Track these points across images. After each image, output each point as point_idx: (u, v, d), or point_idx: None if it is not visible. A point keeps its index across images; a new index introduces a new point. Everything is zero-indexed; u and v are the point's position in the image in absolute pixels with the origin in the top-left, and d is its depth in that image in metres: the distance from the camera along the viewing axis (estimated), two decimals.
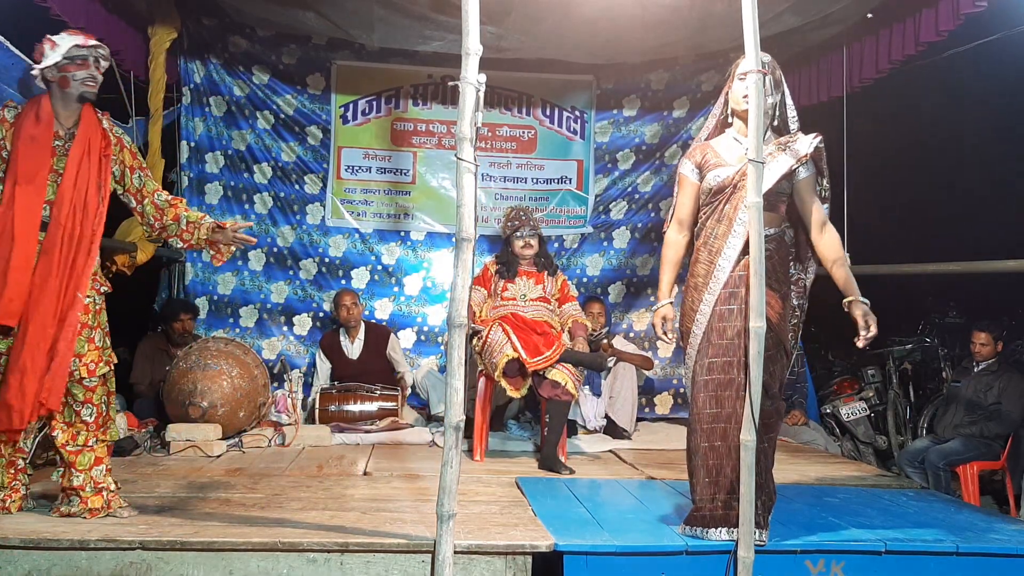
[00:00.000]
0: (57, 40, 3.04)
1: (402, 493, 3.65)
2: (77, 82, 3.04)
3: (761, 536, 2.88)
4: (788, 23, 4.82)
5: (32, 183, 2.96)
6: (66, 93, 3.05)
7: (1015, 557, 3.03)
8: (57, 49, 3.02)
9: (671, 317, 3.10)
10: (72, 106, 3.08)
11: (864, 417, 6.08)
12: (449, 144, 5.91)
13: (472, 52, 2.67)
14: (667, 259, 3.14)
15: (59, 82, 3.03)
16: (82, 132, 3.08)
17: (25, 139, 2.98)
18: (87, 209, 3.06)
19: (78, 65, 3.03)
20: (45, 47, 3.05)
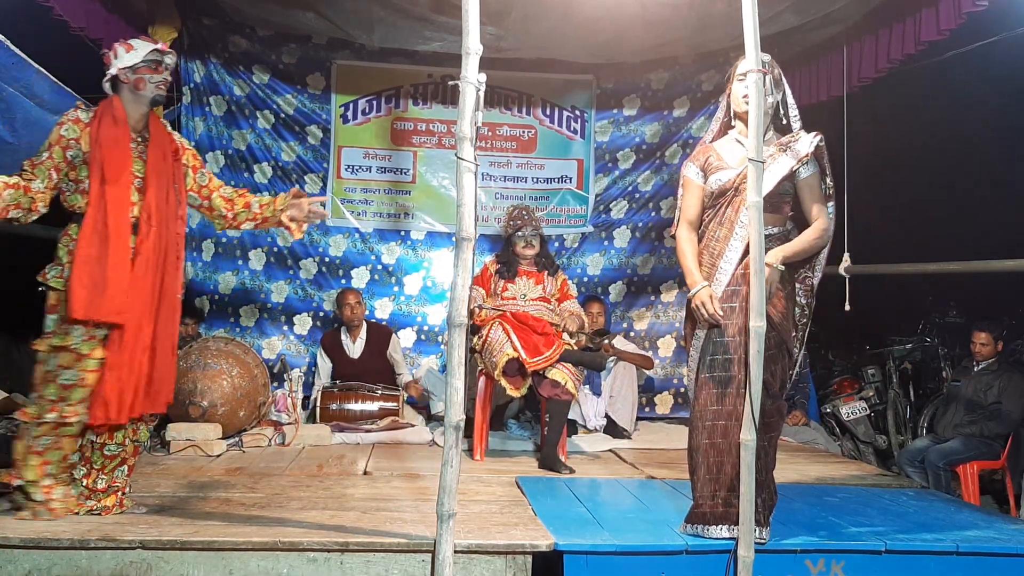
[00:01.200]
0: (134, 44, 3.12)
1: (402, 493, 3.65)
2: (152, 85, 3.11)
3: (761, 534, 2.89)
4: (788, 22, 4.82)
5: (118, 183, 3.01)
6: (139, 95, 3.11)
7: (1015, 557, 3.03)
8: (133, 52, 3.09)
9: (714, 295, 2.96)
10: (142, 109, 3.14)
11: (864, 417, 6.09)
12: (449, 144, 5.91)
13: (472, 52, 2.67)
14: (686, 253, 3.09)
15: (134, 84, 3.09)
16: (155, 135, 3.17)
17: (108, 140, 3.02)
18: (170, 210, 3.14)
19: (152, 69, 3.11)
20: (119, 50, 3.10)
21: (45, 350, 3.02)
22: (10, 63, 3.45)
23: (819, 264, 3.11)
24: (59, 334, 3.00)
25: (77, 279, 2.93)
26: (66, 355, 3.00)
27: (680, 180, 3.20)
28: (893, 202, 7.90)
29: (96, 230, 2.97)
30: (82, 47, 4.65)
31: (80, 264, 2.94)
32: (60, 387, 3.01)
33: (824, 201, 3.04)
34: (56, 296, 3.02)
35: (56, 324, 3.01)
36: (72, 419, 3.03)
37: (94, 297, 2.93)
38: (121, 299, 2.97)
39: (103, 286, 2.95)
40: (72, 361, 3.00)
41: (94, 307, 2.93)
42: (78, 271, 2.93)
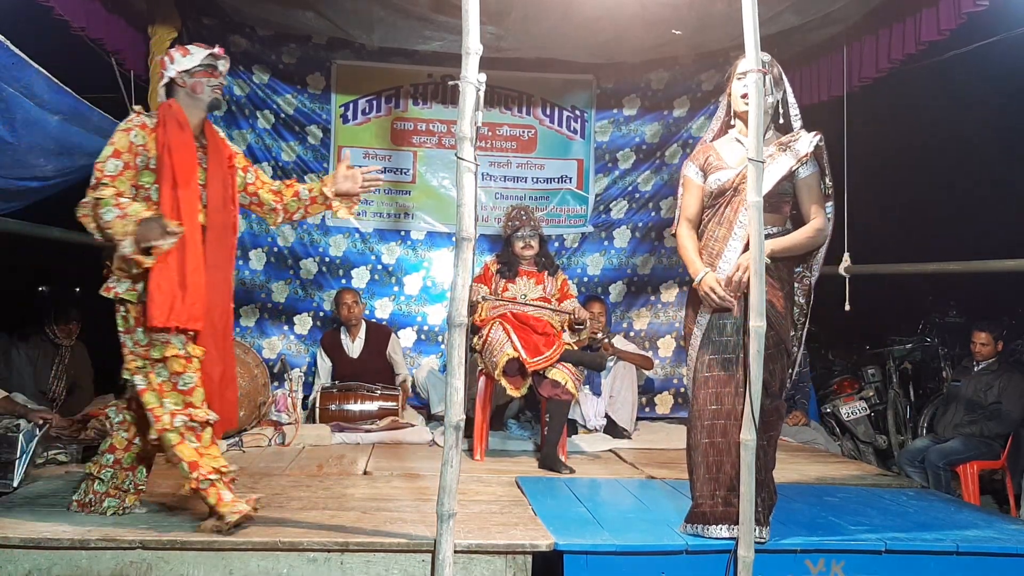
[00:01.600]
0: (190, 49, 3.11)
1: (402, 493, 3.65)
2: (209, 88, 3.10)
3: (761, 534, 2.89)
4: (788, 22, 4.81)
5: (189, 188, 2.99)
6: (197, 99, 3.10)
7: (1015, 557, 3.03)
8: (190, 56, 3.08)
9: (719, 279, 2.95)
10: (200, 114, 3.13)
11: (864, 416, 6.08)
12: (449, 143, 5.91)
13: (472, 52, 2.67)
14: (687, 247, 3.09)
15: (191, 87, 3.07)
16: (212, 139, 3.17)
17: (177, 145, 3.00)
18: (227, 216, 3.15)
19: (208, 72, 3.10)
20: (175, 54, 3.10)
21: (146, 363, 2.97)
22: (10, 63, 3.44)
23: (816, 264, 3.11)
24: (158, 344, 2.95)
25: (156, 286, 2.88)
26: (174, 362, 2.96)
27: (680, 179, 3.21)
28: (893, 202, 7.90)
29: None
30: (82, 47, 4.66)
31: (158, 271, 2.88)
32: (180, 393, 2.98)
33: (823, 201, 3.04)
34: (137, 309, 2.97)
35: (150, 335, 2.95)
36: (207, 418, 3.01)
37: (175, 304, 2.90)
38: (200, 305, 2.96)
39: (183, 293, 2.92)
40: (184, 365, 2.97)
41: (175, 314, 2.90)
42: (157, 278, 2.88)
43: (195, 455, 2.97)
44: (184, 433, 2.96)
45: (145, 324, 2.94)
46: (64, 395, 4.95)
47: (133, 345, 2.98)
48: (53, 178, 4.40)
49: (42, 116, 3.82)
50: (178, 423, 2.95)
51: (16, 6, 3.61)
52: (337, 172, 3.31)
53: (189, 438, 2.97)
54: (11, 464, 3.63)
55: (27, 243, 4.64)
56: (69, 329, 4.96)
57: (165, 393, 2.97)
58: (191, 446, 2.97)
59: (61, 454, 4.10)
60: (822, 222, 3.00)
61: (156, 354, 2.95)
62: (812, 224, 3.00)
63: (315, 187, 3.32)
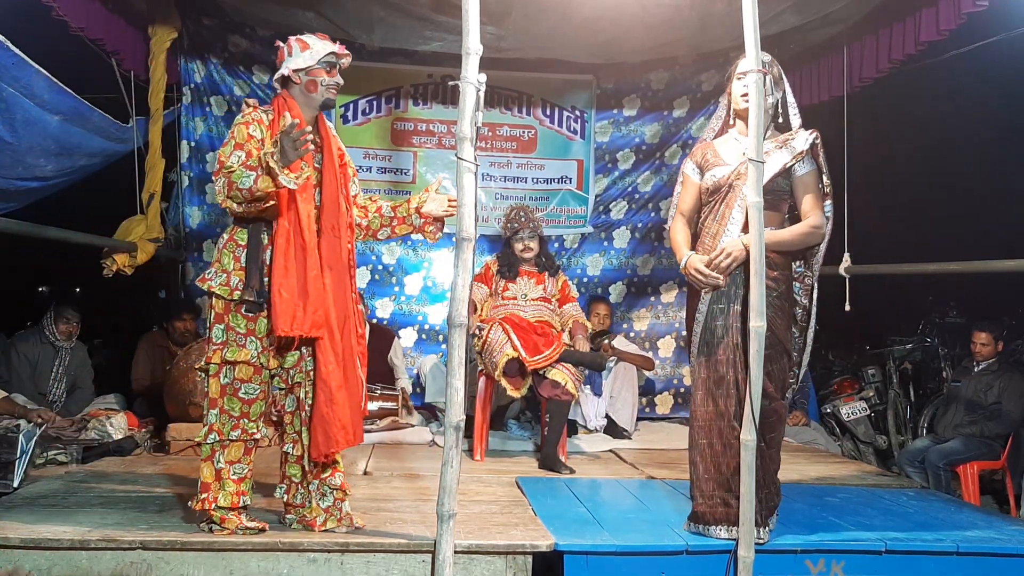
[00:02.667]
0: (309, 43, 2.92)
1: (402, 493, 3.65)
2: (324, 88, 2.92)
3: (760, 535, 2.89)
4: (788, 22, 4.81)
5: (306, 189, 2.83)
6: (311, 97, 2.93)
7: (1015, 557, 3.03)
8: (310, 52, 2.91)
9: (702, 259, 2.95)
10: (313, 112, 2.97)
11: (864, 417, 6.08)
12: (449, 144, 5.91)
13: (472, 52, 2.67)
14: (676, 239, 3.11)
15: (306, 85, 2.91)
16: (326, 136, 3.00)
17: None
18: (343, 217, 2.98)
19: (327, 71, 2.93)
20: (295, 47, 2.92)
21: (219, 362, 2.86)
22: (10, 63, 3.45)
23: (816, 263, 3.11)
24: (233, 347, 2.85)
25: (278, 293, 2.76)
26: (244, 368, 2.86)
27: (679, 177, 3.22)
28: (893, 202, 7.90)
29: (291, 241, 2.80)
30: (82, 47, 4.66)
31: (279, 277, 2.77)
32: (242, 402, 2.88)
33: (820, 199, 3.03)
34: (223, 305, 2.87)
35: (225, 335, 2.87)
36: (257, 436, 2.93)
37: (296, 312, 2.78)
38: (321, 312, 2.82)
39: (305, 299, 2.79)
40: (251, 374, 2.87)
41: (298, 322, 2.77)
42: (278, 285, 2.76)
43: (212, 477, 2.89)
44: (215, 451, 2.89)
45: (228, 322, 2.85)
46: (64, 396, 4.95)
47: (215, 339, 2.89)
48: (53, 178, 4.41)
49: (42, 116, 3.83)
50: (211, 439, 2.87)
51: (16, 6, 3.61)
52: (427, 193, 3.16)
53: (218, 457, 2.89)
54: (11, 464, 3.63)
55: (27, 243, 4.64)
56: (69, 330, 4.95)
57: (228, 396, 2.88)
58: (215, 467, 2.90)
59: (61, 454, 4.10)
60: (818, 220, 2.99)
61: (230, 356, 2.85)
62: (807, 221, 2.99)
63: (402, 205, 3.17)
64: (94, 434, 4.38)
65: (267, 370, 2.91)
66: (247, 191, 2.67)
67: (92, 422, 4.47)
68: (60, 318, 4.92)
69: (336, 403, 2.86)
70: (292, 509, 3.06)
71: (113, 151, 4.80)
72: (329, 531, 2.98)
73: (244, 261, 2.86)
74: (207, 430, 2.89)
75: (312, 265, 2.83)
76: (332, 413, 2.86)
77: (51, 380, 4.90)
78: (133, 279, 5.27)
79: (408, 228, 3.20)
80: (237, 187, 2.68)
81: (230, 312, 2.87)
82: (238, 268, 2.86)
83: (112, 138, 4.64)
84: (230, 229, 2.94)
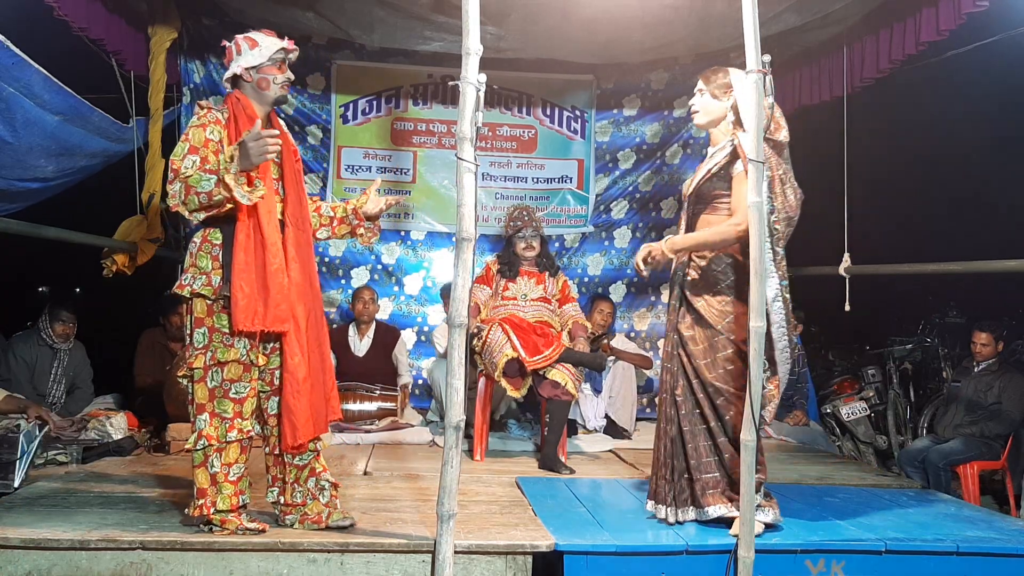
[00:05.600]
0: (258, 40, 2.93)
1: (402, 493, 3.65)
2: (276, 85, 2.95)
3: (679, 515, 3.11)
4: (788, 22, 4.81)
5: (266, 184, 2.85)
6: (263, 95, 2.95)
7: (1015, 557, 3.03)
8: (259, 49, 2.91)
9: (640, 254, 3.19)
10: (266, 108, 2.99)
11: (864, 417, 6.08)
12: (449, 144, 5.91)
13: (472, 52, 2.67)
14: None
15: (258, 83, 2.93)
16: (283, 134, 3.03)
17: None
18: (304, 211, 3.03)
19: (277, 68, 2.94)
20: (243, 46, 2.92)
21: (202, 367, 2.85)
22: (10, 63, 3.45)
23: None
24: (220, 347, 2.84)
25: (238, 288, 2.77)
26: (234, 367, 2.86)
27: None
28: (893, 202, 7.91)
29: (251, 236, 2.82)
30: (82, 47, 4.66)
31: (240, 273, 2.78)
32: (234, 402, 2.87)
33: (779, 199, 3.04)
34: (205, 307, 2.86)
35: (209, 337, 2.85)
36: (252, 433, 2.93)
37: (258, 307, 2.79)
38: (285, 306, 2.83)
39: (266, 294, 2.81)
40: (241, 373, 2.87)
41: (259, 317, 2.79)
42: (239, 280, 2.78)
43: (208, 482, 2.89)
44: (208, 456, 2.88)
45: (212, 323, 2.85)
46: (64, 397, 4.94)
47: (197, 344, 2.87)
48: (54, 179, 4.41)
49: (42, 116, 3.83)
50: (202, 445, 2.86)
51: (16, 6, 3.61)
52: (365, 196, 3.24)
53: (212, 462, 2.88)
54: (11, 465, 3.63)
55: (27, 243, 4.64)
56: (65, 331, 4.93)
57: (219, 399, 2.87)
58: (209, 471, 2.89)
59: (61, 454, 4.10)
60: (739, 218, 3.00)
61: (220, 356, 2.84)
62: (729, 220, 3.08)
63: (340, 207, 3.23)
64: (94, 434, 4.38)
65: (256, 367, 2.91)
66: (206, 195, 2.69)
67: (92, 422, 4.46)
68: (56, 320, 4.89)
69: (302, 394, 2.89)
70: (292, 508, 3.05)
71: (113, 151, 4.80)
72: (336, 524, 3.00)
73: (222, 260, 2.86)
74: (196, 436, 2.88)
75: (272, 260, 2.84)
76: (298, 404, 2.88)
77: (50, 381, 4.89)
78: (133, 279, 5.26)
79: (346, 228, 3.26)
80: (195, 191, 2.70)
81: (214, 313, 2.86)
82: (217, 267, 2.86)
83: (112, 138, 4.64)
84: (202, 232, 2.93)
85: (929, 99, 6.89)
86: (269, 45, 2.93)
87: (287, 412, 2.89)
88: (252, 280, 2.81)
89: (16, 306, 8.00)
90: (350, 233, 3.26)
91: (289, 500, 3.05)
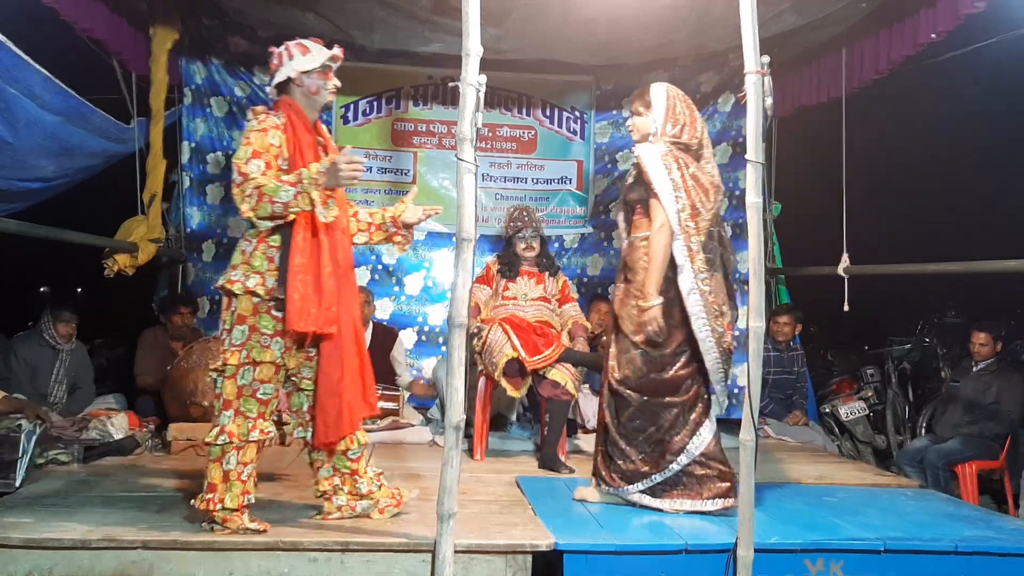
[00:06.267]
0: (310, 47, 3.01)
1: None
2: (327, 91, 3.03)
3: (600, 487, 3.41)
4: (788, 23, 4.82)
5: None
6: (313, 100, 3.03)
7: (1014, 556, 3.04)
8: (311, 55, 3.00)
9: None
10: (314, 112, 3.06)
11: (863, 417, 6.08)
12: (450, 144, 5.92)
13: (472, 53, 2.68)
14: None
15: (309, 88, 3.00)
16: (325, 138, 3.12)
17: (307, 146, 2.97)
18: (346, 215, 3.12)
19: (327, 75, 3.02)
20: (295, 51, 3.00)
21: (236, 363, 2.90)
22: (11, 63, 3.46)
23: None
24: (257, 347, 2.91)
25: (294, 290, 2.84)
26: (266, 368, 2.92)
27: None
28: (893, 202, 7.92)
29: (308, 240, 2.89)
30: (83, 48, 4.67)
31: (296, 275, 2.85)
32: (259, 402, 2.93)
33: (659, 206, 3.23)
34: (251, 305, 2.91)
35: (248, 335, 2.91)
36: (271, 434, 3.00)
37: (311, 308, 2.86)
38: (334, 309, 2.91)
39: (319, 297, 2.88)
40: (271, 374, 2.94)
41: (312, 318, 2.86)
42: (295, 282, 2.85)
43: (220, 479, 2.92)
44: (227, 452, 2.91)
45: (255, 323, 2.90)
46: (65, 397, 4.95)
47: (235, 340, 2.92)
48: (54, 179, 4.41)
49: (43, 117, 3.83)
50: (222, 441, 2.90)
51: (17, 6, 3.62)
52: (403, 204, 3.29)
53: (228, 458, 2.92)
54: (13, 464, 3.63)
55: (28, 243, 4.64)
56: (68, 331, 4.93)
57: (246, 397, 2.92)
58: (224, 467, 2.92)
59: (62, 454, 4.10)
60: (657, 222, 3.25)
61: (255, 356, 2.90)
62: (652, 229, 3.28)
63: (378, 213, 3.29)
64: (95, 434, 4.38)
65: (285, 369, 2.99)
66: (281, 204, 2.78)
67: (93, 422, 4.46)
68: (58, 320, 4.90)
69: (336, 395, 2.96)
70: (359, 498, 3.16)
71: (114, 152, 4.80)
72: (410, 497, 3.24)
73: (278, 262, 2.91)
74: (218, 431, 2.91)
75: (326, 263, 2.91)
76: (331, 404, 2.97)
77: (52, 382, 4.89)
78: (134, 279, 5.27)
79: (383, 235, 3.32)
80: (271, 200, 2.78)
81: (258, 313, 2.91)
82: (272, 269, 2.92)
83: (113, 139, 4.64)
84: (256, 232, 2.96)
85: (928, 100, 6.91)
86: (321, 52, 3.01)
87: (321, 411, 2.98)
88: (308, 282, 2.88)
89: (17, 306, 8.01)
90: (386, 239, 3.34)
91: (353, 490, 3.15)
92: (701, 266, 3.20)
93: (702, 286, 3.19)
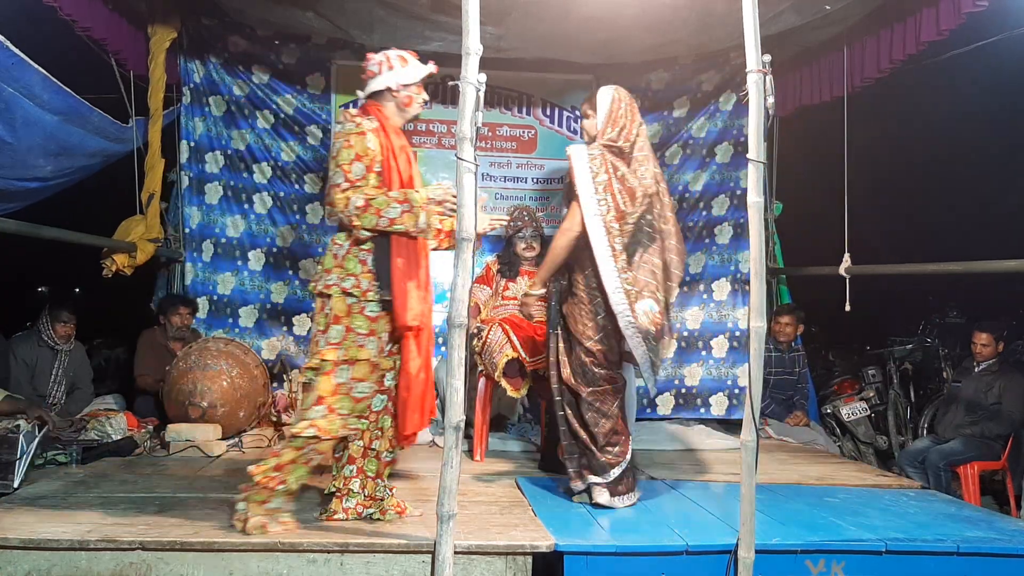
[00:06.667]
0: (409, 60, 3.15)
1: (402, 493, 3.64)
2: (418, 104, 3.17)
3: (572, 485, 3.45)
4: (788, 22, 4.81)
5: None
6: (405, 111, 3.17)
7: (1015, 557, 3.03)
8: (409, 68, 3.14)
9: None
10: (401, 121, 3.20)
11: (864, 417, 6.08)
12: (449, 144, 5.90)
13: (472, 52, 2.67)
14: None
15: (404, 100, 3.14)
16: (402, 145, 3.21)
17: (400, 151, 3.11)
18: None
19: (420, 89, 3.17)
20: (395, 62, 3.13)
21: (333, 361, 2.97)
22: (10, 63, 3.45)
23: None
24: (353, 346, 2.99)
25: (402, 290, 2.98)
26: (363, 367, 3.00)
27: None
28: (894, 202, 7.91)
29: (405, 244, 3.04)
30: (82, 47, 4.66)
31: (402, 276, 2.99)
32: (353, 400, 3.01)
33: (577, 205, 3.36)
34: (346, 306, 3.00)
35: (344, 334, 2.99)
36: (356, 431, 3.09)
37: (415, 305, 3.00)
38: (427, 306, 3.10)
39: (422, 295, 3.05)
40: (367, 372, 3.02)
41: (417, 315, 3.01)
42: (401, 282, 2.98)
43: (291, 464, 2.98)
44: (308, 442, 2.96)
45: (351, 323, 2.98)
46: (64, 398, 4.94)
47: (331, 339, 2.99)
48: (53, 179, 4.41)
49: (42, 116, 3.83)
50: (310, 433, 2.94)
51: (17, 6, 3.61)
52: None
53: (308, 451, 2.98)
54: (11, 465, 3.62)
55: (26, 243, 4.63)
56: (66, 332, 4.93)
57: (341, 396, 2.98)
58: (295, 455, 2.97)
59: (61, 455, 4.09)
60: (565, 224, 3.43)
61: (352, 354, 2.98)
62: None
63: (448, 221, 3.29)
64: (93, 435, 4.38)
65: (380, 371, 3.07)
66: (387, 220, 2.95)
67: (91, 422, 4.46)
68: (57, 320, 4.89)
69: (412, 389, 3.06)
70: (373, 502, 3.18)
71: (113, 151, 4.79)
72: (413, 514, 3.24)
73: (371, 265, 3.00)
74: (307, 424, 2.95)
75: (423, 263, 3.11)
76: (411, 398, 3.07)
77: (50, 382, 4.88)
78: (132, 279, 5.26)
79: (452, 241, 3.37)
80: (378, 212, 2.94)
81: (353, 314, 2.99)
82: (365, 271, 3.01)
83: (112, 138, 4.63)
84: (347, 236, 3.05)
85: (929, 99, 6.90)
86: (419, 68, 3.16)
87: (402, 405, 3.09)
88: (412, 281, 3.03)
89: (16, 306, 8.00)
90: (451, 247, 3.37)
91: (371, 494, 3.19)
92: (624, 264, 3.35)
93: (625, 285, 3.33)
